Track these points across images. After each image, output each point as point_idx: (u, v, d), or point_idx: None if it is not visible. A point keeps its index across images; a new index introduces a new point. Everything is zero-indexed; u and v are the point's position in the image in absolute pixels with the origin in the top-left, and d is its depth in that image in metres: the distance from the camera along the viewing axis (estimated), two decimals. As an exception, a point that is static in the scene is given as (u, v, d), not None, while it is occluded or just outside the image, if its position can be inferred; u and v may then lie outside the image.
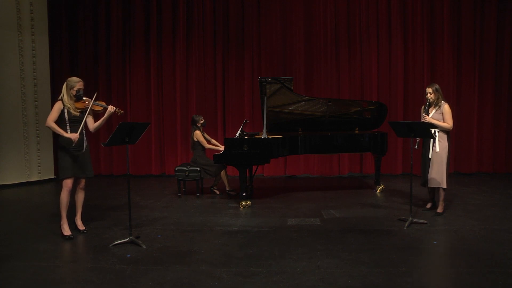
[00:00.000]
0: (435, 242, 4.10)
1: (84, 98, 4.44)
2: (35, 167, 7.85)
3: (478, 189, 6.74)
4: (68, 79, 4.50)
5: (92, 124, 4.56)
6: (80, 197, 4.64)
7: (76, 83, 4.42)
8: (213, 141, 6.68)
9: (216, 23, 8.49)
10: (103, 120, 4.52)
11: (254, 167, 6.58)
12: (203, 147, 6.42)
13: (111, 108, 4.49)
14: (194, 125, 6.43)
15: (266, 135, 5.69)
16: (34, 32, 7.76)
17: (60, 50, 8.69)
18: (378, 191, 6.57)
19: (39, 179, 7.90)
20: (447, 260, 3.74)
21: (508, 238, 4.18)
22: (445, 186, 4.97)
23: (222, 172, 6.52)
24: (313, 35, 8.36)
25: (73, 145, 4.33)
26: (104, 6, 8.59)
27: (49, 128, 4.39)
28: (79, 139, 4.38)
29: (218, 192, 6.69)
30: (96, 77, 8.65)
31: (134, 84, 8.59)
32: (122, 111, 4.62)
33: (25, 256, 3.88)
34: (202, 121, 6.47)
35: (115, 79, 8.64)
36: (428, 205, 5.36)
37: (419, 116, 5.08)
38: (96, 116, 4.72)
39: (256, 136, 6.00)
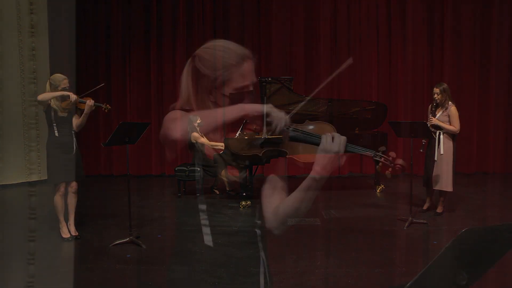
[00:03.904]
0: (435, 242, 4.10)
1: (71, 96, 4.10)
2: (35, 167, 7.84)
3: (478, 189, 6.73)
4: (51, 77, 4.15)
5: (74, 122, 4.25)
6: (72, 201, 4.36)
7: (61, 81, 4.06)
8: (212, 142, 6.66)
9: (216, 23, 8.48)
10: (85, 115, 4.17)
11: (254, 167, 6.57)
12: (201, 149, 6.40)
13: (89, 102, 4.13)
14: (190, 125, 6.40)
15: (266, 135, 5.67)
16: (34, 32, 7.75)
17: (60, 50, 8.68)
18: (378, 191, 6.56)
19: (39, 179, 7.89)
20: (447, 260, 3.73)
21: (508, 238, 4.17)
22: (450, 190, 4.89)
23: (223, 172, 6.51)
24: (313, 35, 8.36)
25: (72, 101, 3.99)
26: (104, 6, 8.59)
27: (43, 99, 3.99)
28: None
29: (218, 192, 6.68)
30: (96, 77, 8.63)
31: (134, 84, 8.58)
32: (109, 106, 4.36)
33: (26, 256, 3.88)
34: (199, 121, 6.44)
35: (115, 79, 8.63)
36: (425, 206, 5.30)
37: (419, 116, 5.07)
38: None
39: (256, 136, 5.99)
